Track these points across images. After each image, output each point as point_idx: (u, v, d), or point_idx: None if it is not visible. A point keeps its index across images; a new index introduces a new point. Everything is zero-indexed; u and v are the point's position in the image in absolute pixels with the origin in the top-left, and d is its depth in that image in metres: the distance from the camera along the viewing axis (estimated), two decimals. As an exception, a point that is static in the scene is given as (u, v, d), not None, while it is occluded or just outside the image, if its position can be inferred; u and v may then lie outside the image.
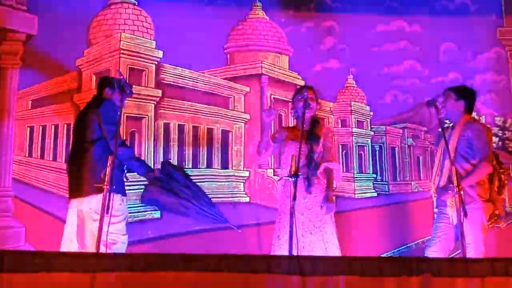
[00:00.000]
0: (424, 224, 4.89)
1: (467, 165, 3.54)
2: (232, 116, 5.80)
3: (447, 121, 3.78)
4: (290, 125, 3.92)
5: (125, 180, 3.66)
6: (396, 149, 6.10)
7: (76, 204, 3.55)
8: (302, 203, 3.55)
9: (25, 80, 5.36)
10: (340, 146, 6.04)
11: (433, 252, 3.59)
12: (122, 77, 3.46)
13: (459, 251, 3.29)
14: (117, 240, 3.48)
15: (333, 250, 3.58)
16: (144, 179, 3.81)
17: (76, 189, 3.54)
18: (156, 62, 5.54)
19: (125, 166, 3.65)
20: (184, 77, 5.63)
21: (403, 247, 5.35)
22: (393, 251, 5.31)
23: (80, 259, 2.36)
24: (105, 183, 3.04)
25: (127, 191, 3.72)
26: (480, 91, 5.81)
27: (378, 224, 5.40)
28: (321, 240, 3.54)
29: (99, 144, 3.50)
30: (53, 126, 5.53)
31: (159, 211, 5.00)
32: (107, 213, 3.07)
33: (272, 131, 3.88)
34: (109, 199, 3.04)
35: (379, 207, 5.77)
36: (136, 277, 2.24)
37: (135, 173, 3.85)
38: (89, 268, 2.22)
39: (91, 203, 3.40)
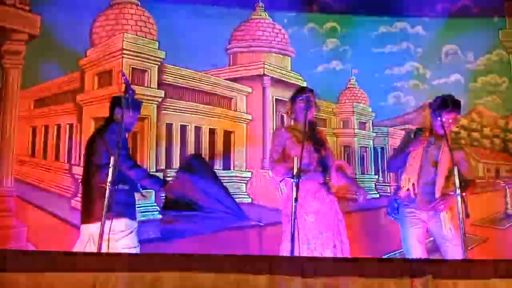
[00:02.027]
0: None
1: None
2: (234, 116, 5.81)
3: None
4: (291, 125, 3.88)
5: (142, 198, 3.72)
6: (398, 150, 6.09)
7: (87, 230, 3.58)
8: (311, 205, 3.57)
9: (28, 80, 5.37)
10: (343, 148, 6.04)
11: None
12: (124, 77, 3.46)
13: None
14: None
15: (345, 249, 3.60)
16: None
17: (88, 215, 3.58)
18: (158, 63, 5.54)
19: (140, 187, 3.70)
20: (187, 77, 5.63)
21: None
22: (394, 252, 5.30)
23: (82, 259, 2.37)
24: (108, 183, 3.09)
25: None
26: (482, 93, 5.86)
27: (379, 225, 5.39)
28: (331, 240, 3.55)
29: (107, 169, 3.50)
30: (55, 126, 5.54)
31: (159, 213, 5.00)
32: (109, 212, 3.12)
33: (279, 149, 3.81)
34: (111, 198, 3.08)
35: (381, 208, 5.75)
36: (138, 277, 2.24)
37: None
38: (91, 268, 2.23)
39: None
